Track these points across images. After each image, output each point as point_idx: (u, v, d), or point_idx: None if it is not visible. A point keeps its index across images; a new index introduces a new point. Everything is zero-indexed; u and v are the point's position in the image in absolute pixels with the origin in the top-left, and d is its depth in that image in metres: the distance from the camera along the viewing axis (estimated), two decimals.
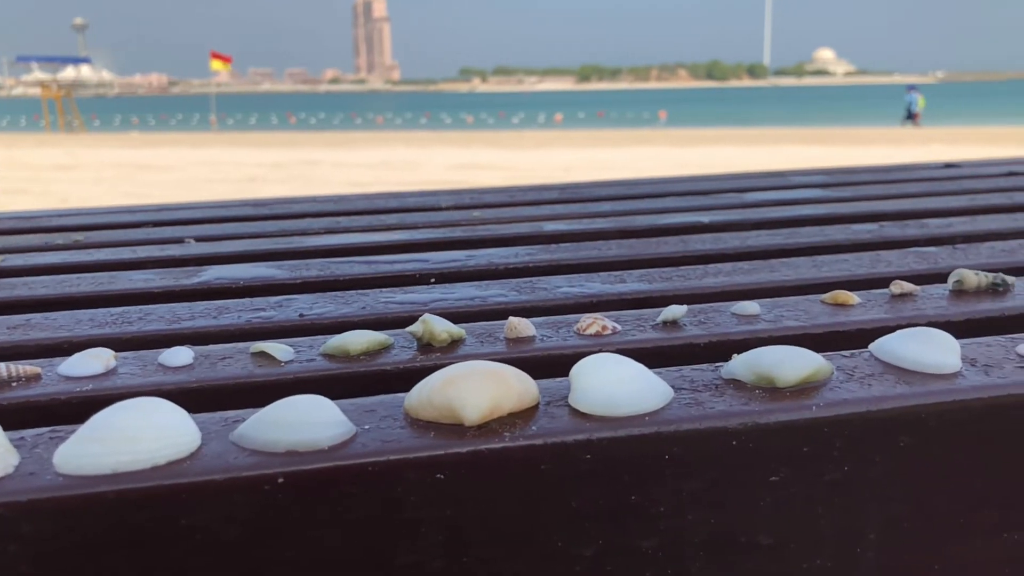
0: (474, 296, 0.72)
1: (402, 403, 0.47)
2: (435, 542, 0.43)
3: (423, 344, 0.58)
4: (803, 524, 0.47)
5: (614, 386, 0.46)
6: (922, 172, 1.53)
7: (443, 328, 0.58)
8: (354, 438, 0.43)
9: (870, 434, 0.46)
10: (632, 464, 0.44)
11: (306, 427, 0.43)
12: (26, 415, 0.49)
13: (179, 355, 0.56)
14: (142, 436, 0.41)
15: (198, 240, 1.03)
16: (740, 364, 0.50)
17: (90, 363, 0.54)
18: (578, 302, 0.71)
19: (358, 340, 0.56)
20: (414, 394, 0.46)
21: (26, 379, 0.52)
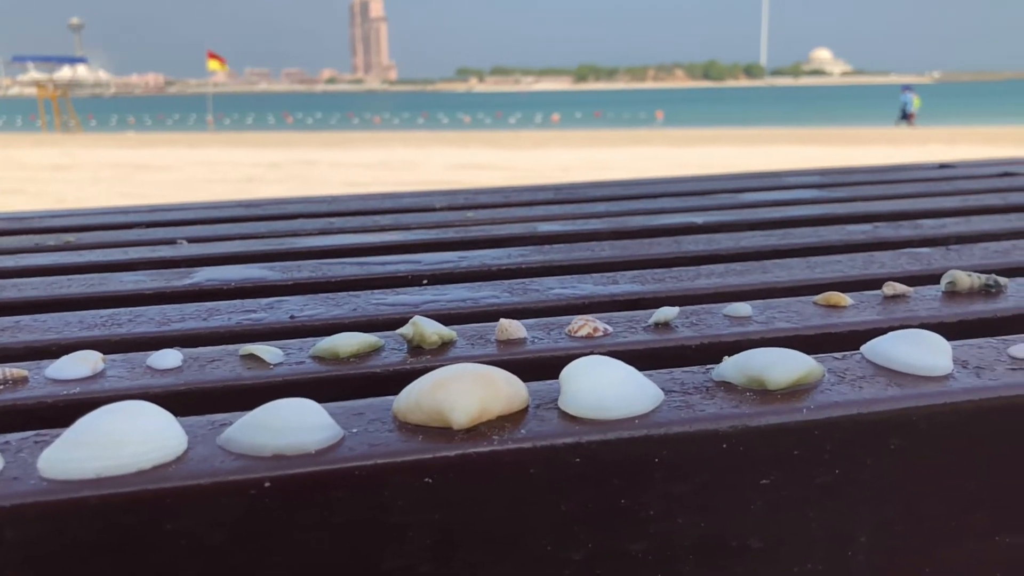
0: (466, 298, 0.72)
1: (391, 406, 0.46)
2: (423, 546, 0.43)
3: (413, 346, 0.57)
4: (794, 527, 0.47)
5: (604, 389, 0.46)
6: (917, 172, 1.53)
7: (433, 330, 0.57)
8: (342, 442, 0.43)
9: (861, 436, 0.46)
10: (622, 467, 0.44)
11: (293, 431, 0.42)
12: (12, 418, 0.49)
13: (167, 358, 0.55)
14: (127, 440, 0.41)
15: (190, 241, 1.02)
16: (731, 366, 0.49)
17: (77, 366, 0.54)
18: (570, 303, 0.71)
19: (348, 342, 0.56)
20: (403, 397, 0.46)
21: (13, 382, 0.52)
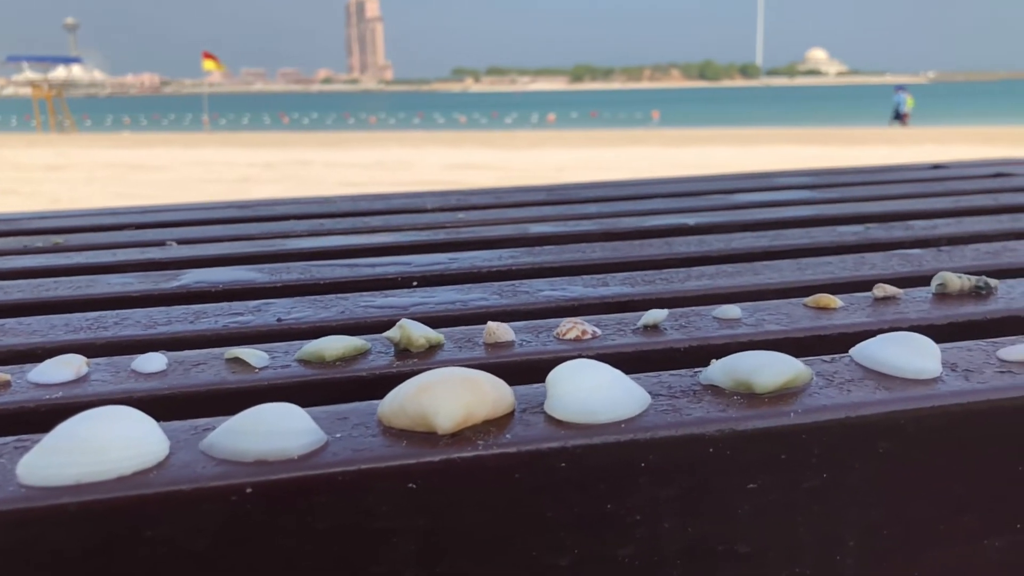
0: (455, 300, 0.72)
1: (376, 410, 0.46)
2: (408, 552, 0.42)
3: (400, 350, 0.57)
4: (781, 532, 0.46)
5: (590, 393, 0.45)
6: (910, 173, 1.53)
7: (420, 333, 0.57)
8: (325, 447, 0.42)
9: (849, 440, 0.46)
10: (608, 472, 0.44)
11: (276, 436, 0.42)
12: None
13: (152, 361, 0.55)
14: (107, 446, 0.40)
15: (180, 243, 1.02)
16: (718, 369, 0.49)
17: (61, 370, 0.53)
18: (560, 306, 0.71)
19: (334, 346, 0.56)
20: (387, 401, 0.45)
21: None
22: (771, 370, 0.48)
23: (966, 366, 0.51)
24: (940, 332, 0.61)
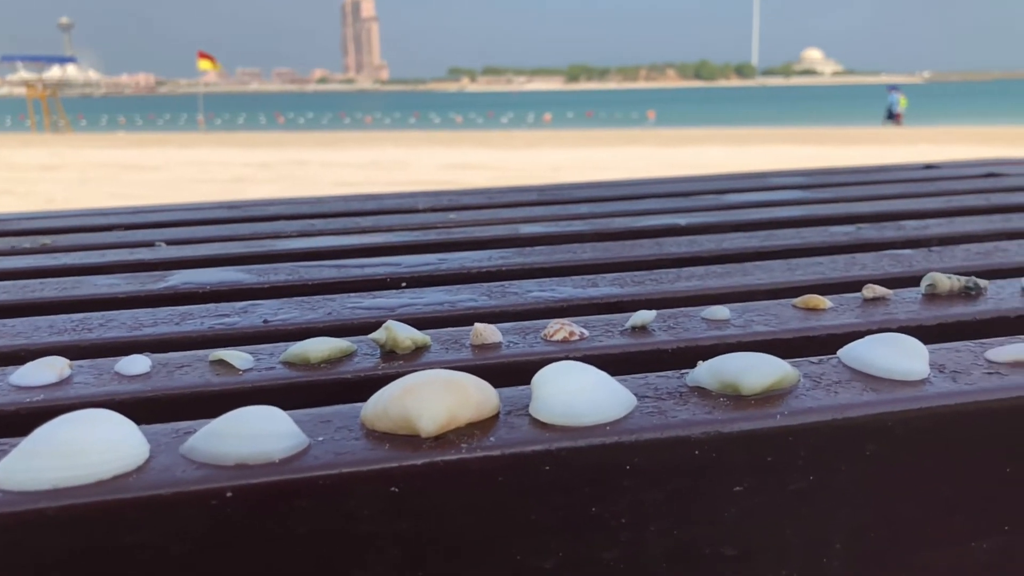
0: (443, 301, 0.71)
1: (359, 413, 0.46)
2: (390, 556, 0.42)
3: (386, 351, 0.57)
4: (768, 534, 0.46)
5: (575, 395, 0.45)
6: (902, 173, 1.53)
7: (406, 335, 0.57)
8: (307, 450, 0.42)
9: (836, 442, 0.46)
10: (593, 474, 0.43)
11: (257, 439, 0.42)
12: None
13: (136, 364, 0.54)
14: (87, 449, 0.40)
15: (169, 243, 1.01)
16: (705, 371, 0.49)
17: (43, 372, 0.53)
18: (548, 307, 0.70)
19: (319, 348, 0.55)
20: (371, 404, 0.45)
21: None
22: (757, 372, 0.47)
23: (954, 367, 0.51)
24: (929, 333, 0.61)
